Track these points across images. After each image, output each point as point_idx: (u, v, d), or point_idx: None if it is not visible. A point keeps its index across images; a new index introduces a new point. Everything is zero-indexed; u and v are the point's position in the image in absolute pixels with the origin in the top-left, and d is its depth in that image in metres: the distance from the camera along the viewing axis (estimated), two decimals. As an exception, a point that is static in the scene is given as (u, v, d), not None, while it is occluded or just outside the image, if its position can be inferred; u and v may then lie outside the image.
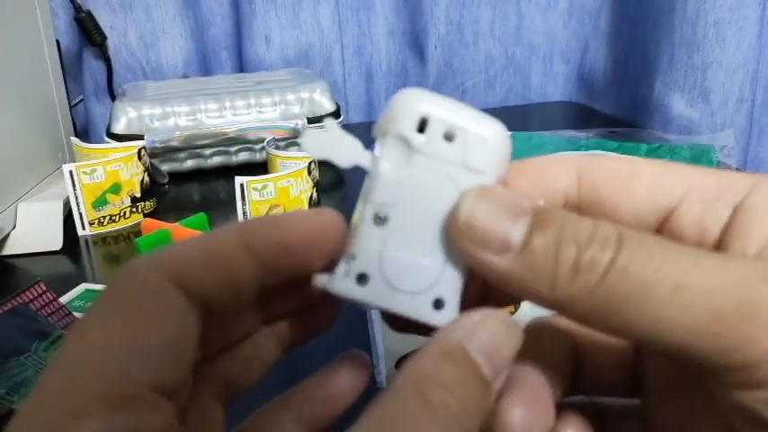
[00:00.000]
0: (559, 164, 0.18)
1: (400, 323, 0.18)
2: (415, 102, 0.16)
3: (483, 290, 0.18)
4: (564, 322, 0.20)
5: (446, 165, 0.16)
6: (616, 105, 0.86)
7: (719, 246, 0.17)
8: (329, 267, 0.17)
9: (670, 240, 0.15)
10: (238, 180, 0.51)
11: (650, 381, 0.19)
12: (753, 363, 0.14)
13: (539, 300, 0.15)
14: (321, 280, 0.17)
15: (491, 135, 0.16)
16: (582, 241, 0.15)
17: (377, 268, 0.16)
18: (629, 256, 0.14)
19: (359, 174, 0.17)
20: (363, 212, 0.16)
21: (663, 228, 0.17)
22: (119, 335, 0.14)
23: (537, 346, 0.19)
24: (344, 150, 0.17)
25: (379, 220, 0.16)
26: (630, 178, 0.18)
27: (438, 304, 0.17)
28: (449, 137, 0.16)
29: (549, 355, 0.19)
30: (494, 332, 0.15)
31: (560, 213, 0.15)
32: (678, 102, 0.72)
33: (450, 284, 0.17)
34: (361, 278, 0.16)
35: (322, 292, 0.17)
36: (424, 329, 0.17)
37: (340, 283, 0.16)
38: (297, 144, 0.67)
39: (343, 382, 0.19)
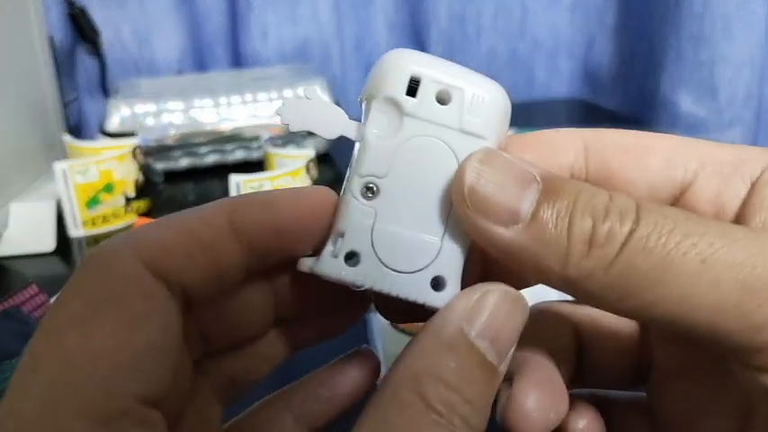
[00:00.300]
0: (564, 137, 0.17)
1: (395, 309, 0.16)
2: (404, 61, 0.15)
3: (484, 277, 0.17)
4: (565, 308, 0.19)
5: (441, 129, 0.15)
6: (622, 102, 0.85)
7: (738, 221, 0.16)
8: (318, 250, 0.15)
9: (692, 213, 0.14)
10: (234, 179, 0.50)
11: (657, 371, 0.19)
12: None
13: (549, 277, 0.14)
14: (307, 263, 0.15)
15: (489, 95, 0.15)
16: (598, 212, 0.13)
17: (368, 246, 0.15)
18: (650, 228, 0.13)
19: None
20: (351, 185, 0.15)
21: (677, 204, 0.16)
22: (100, 339, 0.12)
23: (538, 333, 0.18)
24: (328, 120, 0.15)
25: (370, 192, 0.15)
26: (644, 152, 0.16)
27: (437, 284, 0.15)
28: (443, 98, 0.15)
29: (552, 341, 0.18)
30: (496, 310, 0.14)
31: (573, 182, 0.14)
32: (685, 98, 0.71)
33: (451, 262, 0.15)
34: (351, 257, 0.15)
35: (312, 277, 0.15)
36: (423, 313, 0.15)
37: (328, 264, 0.15)
38: (295, 142, 0.66)
39: (349, 381, 0.18)
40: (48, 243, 0.52)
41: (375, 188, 0.15)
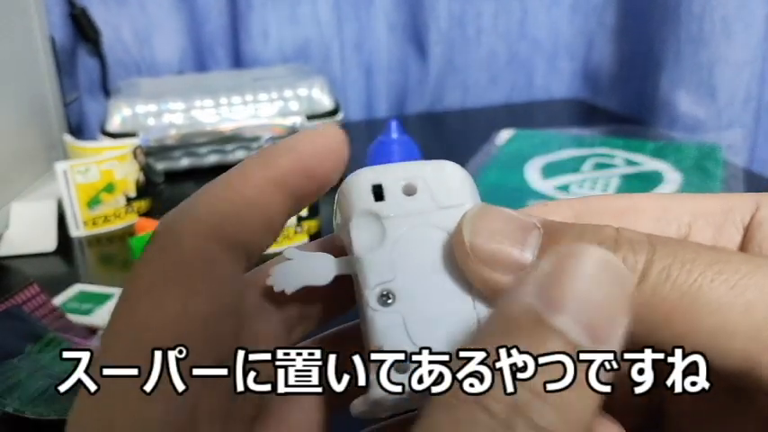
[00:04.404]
0: (552, 210, 0.17)
1: None
2: (360, 178, 0.16)
3: None
4: None
5: (421, 216, 0.15)
6: (621, 102, 0.85)
7: None
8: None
9: (706, 244, 0.14)
10: (235, 180, 0.50)
11: (668, 415, 0.18)
12: None
13: None
14: (360, 403, 0.15)
15: (446, 169, 0.16)
16: (607, 246, 0.13)
17: (410, 345, 0.15)
18: (671, 258, 0.13)
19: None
20: (368, 300, 0.15)
21: None
22: (169, 307, 0.13)
23: None
24: (317, 269, 0.16)
25: (387, 299, 0.15)
26: (634, 214, 0.16)
27: None
28: (409, 191, 0.16)
29: None
30: (584, 276, 0.12)
31: (574, 224, 0.14)
32: (684, 99, 0.71)
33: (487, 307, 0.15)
34: (401, 364, 0.15)
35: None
36: None
37: (385, 384, 0.14)
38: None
39: None
40: (49, 243, 0.52)
41: (390, 293, 0.15)
